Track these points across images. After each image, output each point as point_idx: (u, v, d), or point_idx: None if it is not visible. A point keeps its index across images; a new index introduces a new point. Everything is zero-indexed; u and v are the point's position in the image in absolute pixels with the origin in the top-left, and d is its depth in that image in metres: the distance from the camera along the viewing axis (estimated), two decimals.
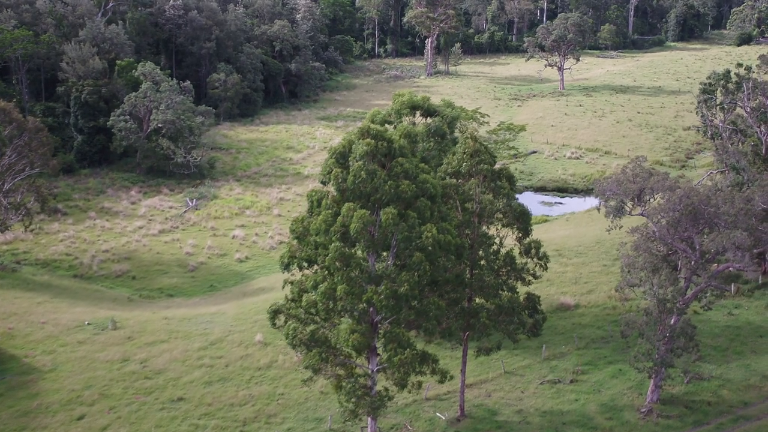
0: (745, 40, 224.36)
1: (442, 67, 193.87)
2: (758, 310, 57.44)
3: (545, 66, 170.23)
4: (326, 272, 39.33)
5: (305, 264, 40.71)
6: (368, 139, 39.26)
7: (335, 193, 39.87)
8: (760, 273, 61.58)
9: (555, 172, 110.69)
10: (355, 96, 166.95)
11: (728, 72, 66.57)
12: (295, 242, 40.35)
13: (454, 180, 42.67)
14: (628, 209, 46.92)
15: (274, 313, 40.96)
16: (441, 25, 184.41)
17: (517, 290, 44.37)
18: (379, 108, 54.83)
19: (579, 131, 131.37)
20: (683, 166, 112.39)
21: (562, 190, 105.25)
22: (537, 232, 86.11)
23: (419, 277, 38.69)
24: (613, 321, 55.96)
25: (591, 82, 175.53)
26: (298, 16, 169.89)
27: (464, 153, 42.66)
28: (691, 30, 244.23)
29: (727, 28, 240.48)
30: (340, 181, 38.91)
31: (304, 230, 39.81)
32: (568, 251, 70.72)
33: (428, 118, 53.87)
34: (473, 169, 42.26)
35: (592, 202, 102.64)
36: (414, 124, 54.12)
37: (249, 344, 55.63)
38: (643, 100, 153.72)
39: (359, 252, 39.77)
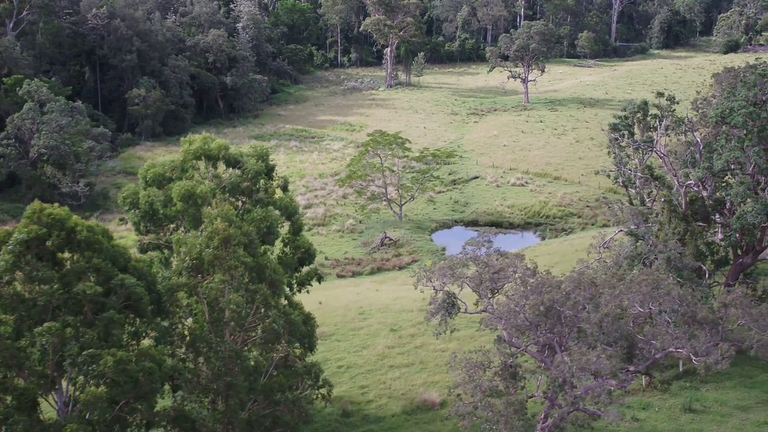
0: (732, 47, 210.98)
1: (404, 77, 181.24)
2: (672, 414, 44.51)
3: (508, 78, 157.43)
4: None
5: None
6: (33, 226, 26.91)
7: None
8: (682, 360, 48.64)
9: (492, 202, 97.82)
10: (302, 111, 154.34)
11: (646, 103, 54.02)
12: None
13: (186, 278, 30.06)
14: (463, 306, 34.32)
15: None
16: (400, 33, 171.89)
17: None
18: (152, 162, 42.62)
19: (532, 152, 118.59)
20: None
21: (497, 224, 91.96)
22: None
23: (97, 426, 26.32)
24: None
25: (559, 95, 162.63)
26: (239, 25, 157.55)
27: (209, 239, 30.07)
28: (677, 37, 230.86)
29: (714, 35, 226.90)
30: None
31: None
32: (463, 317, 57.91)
33: (232, 169, 41.44)
34: (219, 263, 29.67)
35: (529, 239, 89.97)
36: (218, 177, 41.62)
37: None
38: (611, 115, 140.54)
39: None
